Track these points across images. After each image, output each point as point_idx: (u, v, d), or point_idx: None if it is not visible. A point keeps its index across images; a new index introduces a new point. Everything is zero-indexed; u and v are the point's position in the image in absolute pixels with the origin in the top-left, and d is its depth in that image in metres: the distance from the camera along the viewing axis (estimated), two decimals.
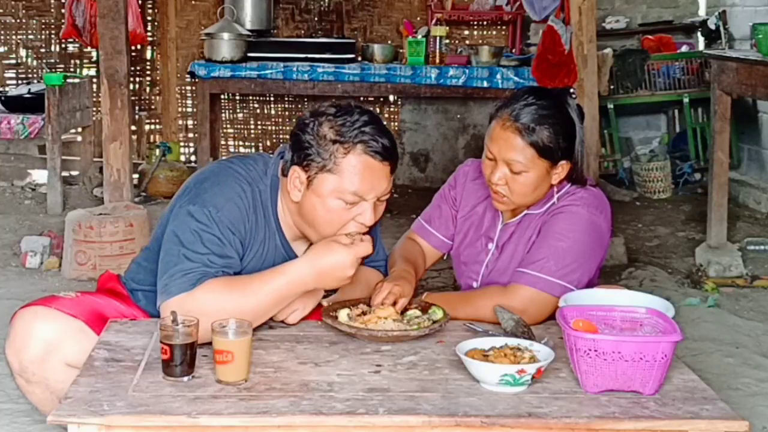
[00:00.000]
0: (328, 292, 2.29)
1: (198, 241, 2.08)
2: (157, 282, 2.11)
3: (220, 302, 2.01)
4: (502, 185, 2.37)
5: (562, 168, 2.38)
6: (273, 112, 7.53)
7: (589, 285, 2.38)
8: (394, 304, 2.25)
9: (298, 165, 2.13)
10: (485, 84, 6.11)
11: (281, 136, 7.44)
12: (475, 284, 2.55)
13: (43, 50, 7.28)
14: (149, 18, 7.34)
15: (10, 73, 7.25)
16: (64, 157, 6.12)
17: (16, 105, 6.21)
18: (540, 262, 2.34)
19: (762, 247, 5.13)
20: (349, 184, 2.09)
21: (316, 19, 7.37)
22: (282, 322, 2.20)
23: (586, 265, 2.37)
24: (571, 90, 2.58)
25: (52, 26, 7.22)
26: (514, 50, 6.92)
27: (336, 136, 2.09)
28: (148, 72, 7.48)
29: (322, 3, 7.38)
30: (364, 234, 2.14)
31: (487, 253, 2.53)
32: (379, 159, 2.10)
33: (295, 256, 2.22)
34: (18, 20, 7.21)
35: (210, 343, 1.92)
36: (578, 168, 2.41)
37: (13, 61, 7.28)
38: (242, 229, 2.15)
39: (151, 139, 7.46)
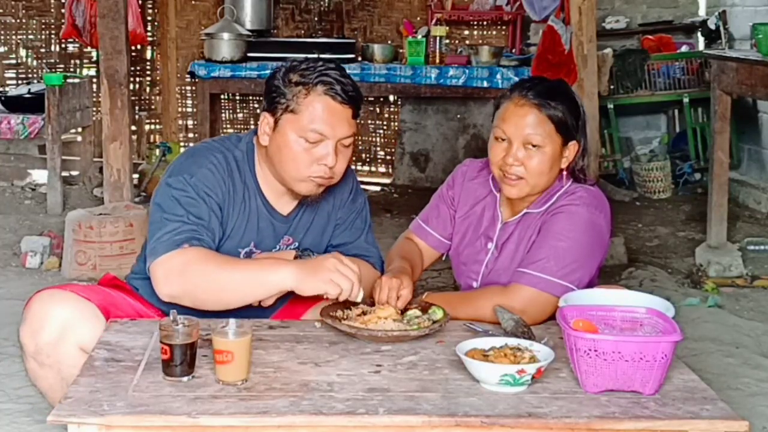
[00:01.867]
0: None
1: (177, 204, 2.21)
2: (146, 248, 2.23)
3: (203, 265, 2.12)
4: (518, 165, 2.37)
5: (571, 150, 2.40)
6: None
7: (589, 285, 2.38)
8: (397, 297, 2.26)
9: (267, 111, 2.28)
10: (485, 84, 6.10)
11: None
12: (474, 284, 2.55)
13: (43, 50, 7.28)
14: (149, 18, 7.34)
15: (10, 73, 7.26)
16: (64, 157, 6.12)
17: (16, 105, 6.20)
18: (540, 262, 2.34)
19: (762, 247, 5.12)
20: (309, 122, 2.22)
21: (316, 19, 7.37)
22: (259, 305, 2.24)
23: (586, 265, 2.37)
24: None
25: (52, 26, 7.22)
26: (514, 50, 6.91)
27: (299, 79, 2.25)
28: (148, 72, 7.48)
29: (322, 3, 7.38)
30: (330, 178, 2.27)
31: (487, 252, 2.53)
32: (339, 100, 2.23)
33: (278, 214, 2.36)
34: (18, 20, 7.21)
35: (209, 340, 1.93)
36: (584, 150, 2.45)
37: (13, 61, 7.28)
38: (219, 192, 2.27)
39: (151, 139, 7.46)
